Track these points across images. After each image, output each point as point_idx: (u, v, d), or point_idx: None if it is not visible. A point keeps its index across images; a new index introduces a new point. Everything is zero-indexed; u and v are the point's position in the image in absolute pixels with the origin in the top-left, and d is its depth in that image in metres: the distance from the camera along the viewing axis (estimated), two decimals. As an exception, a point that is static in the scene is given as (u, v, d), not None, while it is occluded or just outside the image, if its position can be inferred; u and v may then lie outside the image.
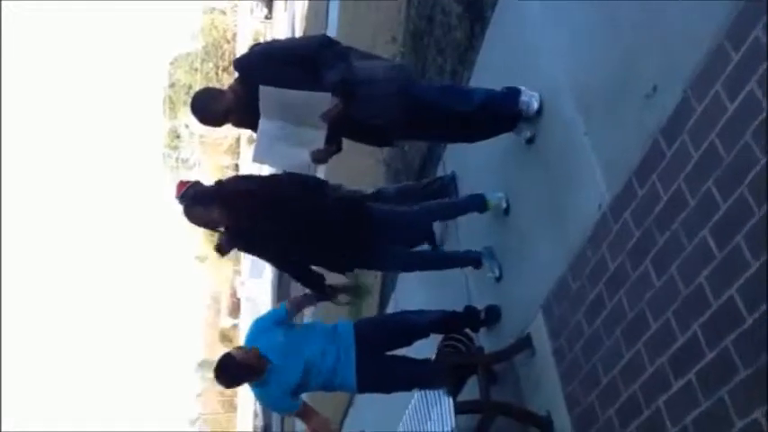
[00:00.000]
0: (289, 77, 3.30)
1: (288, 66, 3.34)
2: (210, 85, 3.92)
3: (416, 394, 3.70)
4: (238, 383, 3.72)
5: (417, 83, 3.64)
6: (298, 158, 3.45)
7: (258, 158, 3.53)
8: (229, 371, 3.51)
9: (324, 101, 3.27)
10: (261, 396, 3.71)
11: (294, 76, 3.31)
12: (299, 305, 3.87)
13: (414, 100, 3.44)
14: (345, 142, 3.68)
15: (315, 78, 3.30)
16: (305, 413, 3.66)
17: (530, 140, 3.56)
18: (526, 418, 3.42)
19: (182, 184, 3.67)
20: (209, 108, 3.49)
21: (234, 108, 3.46)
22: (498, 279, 3.88)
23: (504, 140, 3.73)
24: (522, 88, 3.49)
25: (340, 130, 3.45)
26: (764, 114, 2.08)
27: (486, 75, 4.27)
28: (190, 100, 3.60)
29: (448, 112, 3.50)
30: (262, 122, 3.35)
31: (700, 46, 2.35)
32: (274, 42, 3.66)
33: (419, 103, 3.45)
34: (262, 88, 3.25)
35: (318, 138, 3.37)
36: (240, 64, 3.53)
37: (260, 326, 3.75)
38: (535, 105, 3.44)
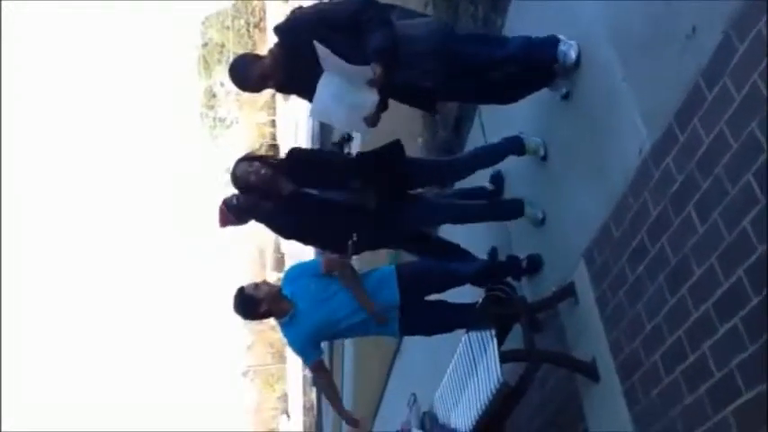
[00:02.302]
0: (331, 42, 3.31)
1: (330, 30, 3.33)
2: (248, 51, 3.96)
3: (462, 342, 3.76)
4: (252, 317, 3.88)
5: (455, 36, 3.57)
6: (352, 119, 3.50)
7: (316, 115, 3.56)
8: (238, 303, 3.72)
9: (366, 71, 3.28)
10: (285, 335, 3.86)
11: (337, 41, 3.31)
12: (333, 265, 3.85)
13: (453, 53, 3.41)
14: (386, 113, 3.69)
15: (357, 42, 3.29)
16: (316, 369, 3.82)
17: (565, 96, 3.51)
18: (571, 365, 3.46)
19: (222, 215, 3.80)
20: (246, 74, 3.54)
21: (272, 73, 3.48)
22: (542, 221, 3.87)
23: (539, 93, 3.68)
24: (561, 37, 3.41)
25: (386, 91, 3.45)
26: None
27: (520, 22, 4.19)
28: (225, 60, 3.66)
29: (487, 59, 3.46)
30: (323, 78, 3.38)
31: (740, -16, 2.28)
32: (316, 7, 3.63)
33: (458, 56, 3.42)
34: (317, 46, 3.26)
35: (371, 99, 3.40)
36: (281, 29, 3.52)
37: (296, 272, 3.90)
38: (573, 55, 3.36)
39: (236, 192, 3.82)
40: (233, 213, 3.80)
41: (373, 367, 9.58)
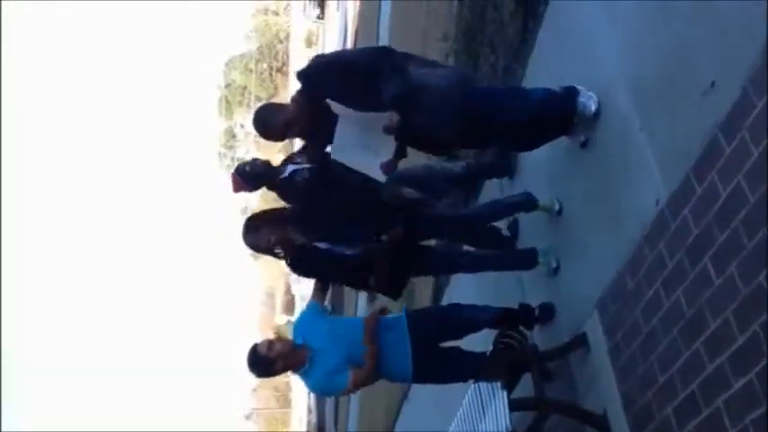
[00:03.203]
0: (351, 89, 3.39)
1: (350, 78, 3.41)
2: (270, 94, 4.10)
3: (470, 390, 3.72)
4: (268, 375, 3.81)
5: (475, 89, 3.64)
6: (369, 163, 3.56)
7: (336, 154, 3.62)
8: (252, 364, 3.65)
9: (383, 118, 3.36)
10: (308, 384, 3.78)
11: (356, 88, 3.39)
12: (320, 294, 3.88)
13: (471, 108, 3.46)
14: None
15: (375, 89, 3.36)
16: (354, 380, 3.63)
17: (584, 144, 3.53)
18: (582, 416, 3.40)
19: (235, 181, 3.79)
20: (270, 123, 3.63)
21: (295, 121, 3.57)
22: (556, 270, 3.86)
23: (558, 140, 3.71)
24: (581, 88, 3.45)
25: (403, 139, 3.53)
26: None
27: (541, 71, 4.25)
28: (247, 102, 3.76)
29: (506, 117, 3.50)
30: (340, 122, 3.48)
31: (757, 40, 2.31)
32: (336, 54, 3.73)
33: (477, 111, 3.47)
34: (333, 105, 3.37)
35: (389, 145, 3.48)
36: (303, 76, 3.60)
37: (303, 317, 3.88)
38: (593, 107, 3.39)
39: (248, 160, 3.87)
40: (245, 179, 3.78)
41: (379, 413, 9.46)
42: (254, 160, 3.88)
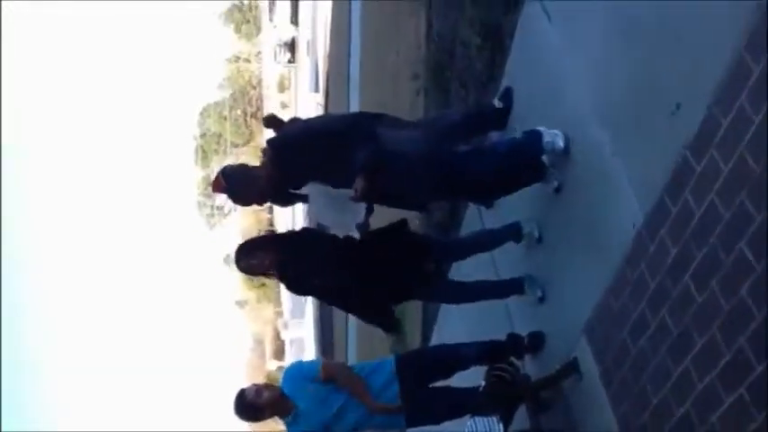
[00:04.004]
0: (319, 157, 3.49)
1: (319, 145, 3.51)
2: (241, 163, 4.16)
3: (467, 425, 3.69)
4: (255, 421, 3.79)
5: (443, 152, 3.70)
6: (344, 222, 3.72)
7: (312, 215, 3.75)
8: (240, 410, 3.63)
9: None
10: None
11: (325, 156, 3.49)
12: (330, 375, 3.75)
13: (439, 164, 3.57)
14: None
15: (344, 157, 3.46)
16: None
17: (557, 190, 3.60)
18: (579, 443, 3.39)
19: (217, 181, 3.80)
20: (244, 193, 3.70)
21: (267, 192, 3.67)
22: (542, 299, 3.89)
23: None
24: (542, 129, 3.51)
25: (371, 202, 3.69)
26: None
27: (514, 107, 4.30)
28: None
29: (475, 175, 3.61)
30: (311, 194, 3.66)
31: (720, 61, 2.38)
32: (307, 122, 3.83)
33: (445, 166, 3.58)
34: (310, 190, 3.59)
35: (360, 209, 3.65)
36: (275, 144, 3.67)
37: (294, 371, 3.84)
38: (560, 143, 3.46)
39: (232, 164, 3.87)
40: (227, 182, 3.74)
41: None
42: (239, 165, 3.89)
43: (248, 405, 3.61)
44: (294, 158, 3.55)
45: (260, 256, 3.69)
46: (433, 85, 6.07)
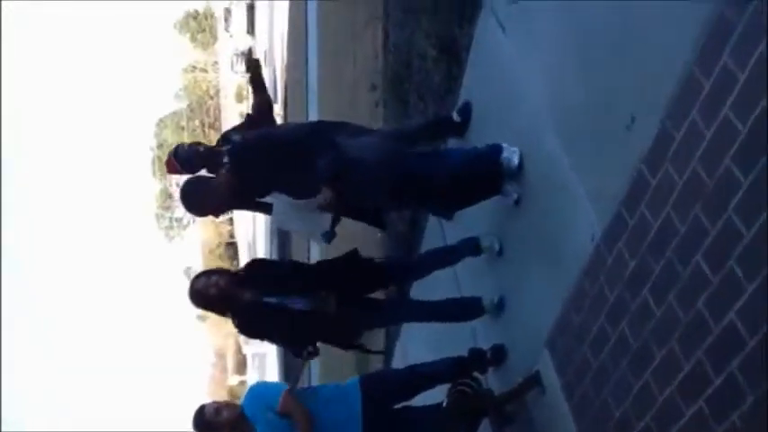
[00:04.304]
0: (281, 165, 3.45)
1: (279, 155, 3.49)
2: (199, 175, 4.13)
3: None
4: None
5: (401, 158, 3.71)
6: (309, 230, 3.79)
7: (277, 222, 3.72)
8: (198, 427, 3.57)
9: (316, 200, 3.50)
10: None
11: (287, 164, 3.46)
12: (286, 411, 3.61)
13: (398, 173, 3.57)
14: None
15: (304, 165, 3.44)
16: None
17: (517, 202, 3.61)
18: (543, 457, 3.38)
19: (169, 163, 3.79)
20: (201, 204, 3.68)
21: (226, 203, 3.65)
22: (499, 305, 3.91)
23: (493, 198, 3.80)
24: (504, 145, 3.55)
25: (338, 212, 3.70)
26: (742, 137, 2.12)
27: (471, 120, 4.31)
28: (179, 192, 3.75)
29: (431, 174, 3.62)
30: (276, 203, 3.66)
31: (672, 75, 2.40)
32: (266, 134, 3.78)
33: (403, 174, 3.58)
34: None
35: (325, 217, 3.67)
36: (233, 157, 3.62)
37: (258, 393, 3.73)
38: (515, 160, 3.50)
39: (185, 144, 3.85)
40: (180, 161, 3.75)
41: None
42: (191, 144, 3.86)
43: (206, 423, 3.55)
44: (253, 166, 3.51)
45: (213, 281, 3.64)
46: (391, 97, 6.06)
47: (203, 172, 3.80)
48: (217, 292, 3.58)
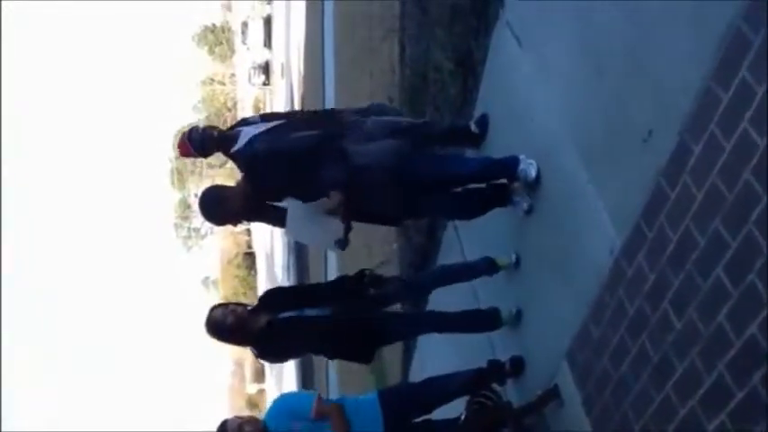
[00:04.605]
0: (291, 175, 3.48)
1: (288, 163, 3.51)
2: (217, 184, 4.22)
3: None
4: None
5: (412, 160, 3.71)
6: (323, 240, 3.71)
7: (291, 235, 3.71)
8: None
9: (328, 201, 3.50)
10: None
11: (296, 176, 3.49)
12: (323, 413, 3.67)
13: (410, 176, 3.59)
14: None
15: (314, 174, 3.48)
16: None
17: (528, 211, 3.63)
18: (563, 470, 3.37)
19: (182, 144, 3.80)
20: (219, 213, 3.71)
21: (243, 211, 3.66)
22: (518, 316, 3.91)
23: (506, 208, 3.82)
24: (522, 157, 3.56)
25: (347, 217, 3.64)
26: (761, 151, 2.12)
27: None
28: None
29: (445, 179, 3.66)
30: (290, 208, 3.62)
31: (690, 89, 2.40)
32: (277, 141, 3.80)
33: (415, 178, 3.61)
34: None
35: (337, 224, 3.61)
36: (246, 159, 3.66)
37: (282, 408, 3.74)
38: (533, 173, 3.51)
39: (198, 127, 3.85)
40: (193, 144, 3.75)
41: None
42: (206, 127, 3.88)
43: None
44: (265, 176, 3.56)
45: (229, 312, 3.65)
46: (407, 109, 6.08)
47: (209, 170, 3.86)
48: (234, 319, 3.59)
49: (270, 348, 3.84)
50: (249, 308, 3.73)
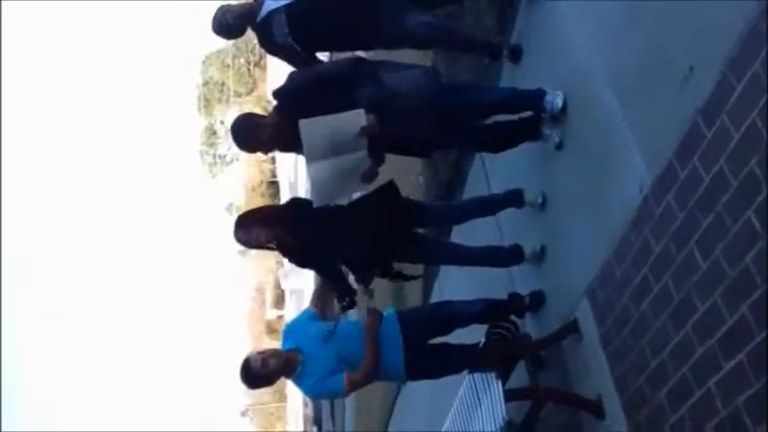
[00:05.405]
0: (324, 102, 3.44)
1: (324, 92, 3.49)
2: (250, 112, 4.25)
3: (465, 382, 3.75)
4: (263, 385, 3.79)
5: (443, 87, 3.72)
6: (352, 187, 3.58)
7: (319, 203, 3.60)
8: (247, 380, 3.63)
9: (358, 117, 3.40)
10: (302, 388, 3.77)
11: (329, 100, 3.45)
12: (320, 299, 3.87)
13: (440, 104, 3.56)
14: None
15: (348, 99, 3.44)
16: (350, 382, 3.59)
17: (558, 146, 3.59)
18: (577, 402, 3.44)
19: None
20: (252, 139, 3.69)
21: (274, 140, 3.65)
22: (542, 254, 3.93)
23: (535, 144, 3.78)
24: (548, 89, 3.55)
25: (380, 144, 3.57)
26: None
27: (519, 71, 4.24)
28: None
29: (474, 107, 3.63)
30: (309, 169, 3.47)
31: (734, 26, 2.33)
32: (309, 70, 3.77)
33: (446, 106, 3.58)
34: (301, 124, 3.36)
35: (363, 159, 3.49)
36: (279, 96, 3.67)
37: (292, 324, 3.89)
38: (559, 103, 3.49)
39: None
40: (220, 33, 3.98)
41: (375, 408, 9.50)
42: (225, 12, 3.95)
43: (255, 376, 3.61)
44: (299, 106, 3.51)
45: (256, 233, 3.67)
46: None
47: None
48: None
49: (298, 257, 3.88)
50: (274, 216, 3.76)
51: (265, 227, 3.67)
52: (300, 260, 3.95)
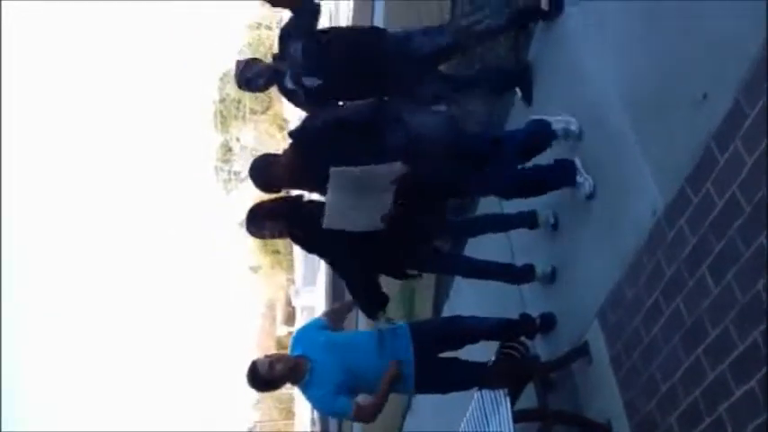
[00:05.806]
0: (348, 146, 3.45)
1: (345, 135, 3.49)
2: (267, 153, 4.28)
3: (474, 399, 3.74)
4: (270, 389, 3.83)
5: (462, 133, 3.76)
6: (367, 224, 3.49)
7: (328, 226, 3.57)
8: (254, 383, 3.66)
9: (393, 168, 3.39)
10: (308, 397, 3.77)
11: (354, 145, 3.45)
12: (337, 314, 3.92)
13: (463, 153, 3.59)
14: None
15: (376, 145, 3.44)
16: (358, 412, 3.60)
17: (590, 196, 3.47)
18: (586, 426, 3.42)
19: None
20: (268, 183, 3.72)
21: (291, 182, 3.70)
22: (552, 277, 3.92)
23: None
24: (547, 118, 3.56)
25: (409, 188, 3.51)
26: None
27: (535, 92, 4.26)
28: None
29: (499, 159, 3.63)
30: (328, 195, 3.45)
31: (747, 52, 2.34)
32: (329, 112, 3.77)
33: (465, 151, 3.60)
34: (333, 171, 3.36)
35: (386, 200, 3.44)
36: (296, 136, 3.70)
37: (301, 332, 3.93)
38: (573, 128, 3.50)
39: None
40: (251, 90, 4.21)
41: (383, 428, 9.43)
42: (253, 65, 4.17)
43: (261, 379, 3.62)
44: (321, 150, 3.53)
45: (269, 225, 3.70)
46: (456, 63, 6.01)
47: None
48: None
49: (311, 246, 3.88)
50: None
51: (275, 221, 3.70)
52: (314, 250, 3.96)
